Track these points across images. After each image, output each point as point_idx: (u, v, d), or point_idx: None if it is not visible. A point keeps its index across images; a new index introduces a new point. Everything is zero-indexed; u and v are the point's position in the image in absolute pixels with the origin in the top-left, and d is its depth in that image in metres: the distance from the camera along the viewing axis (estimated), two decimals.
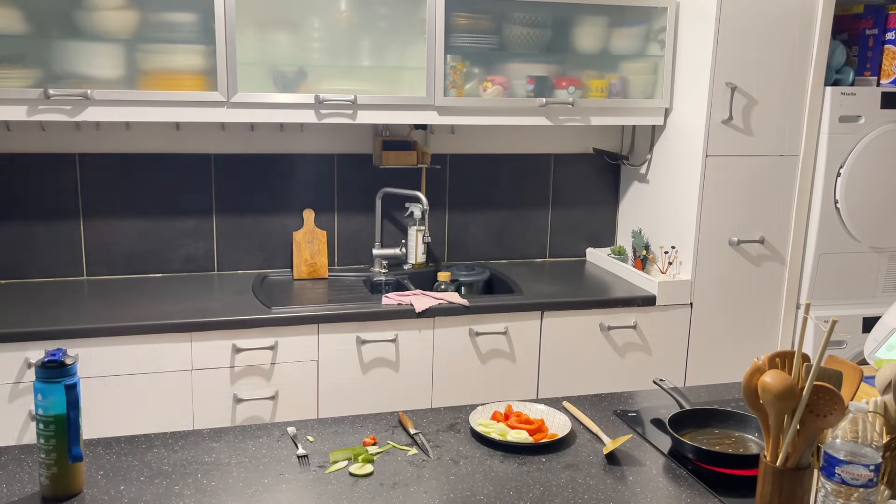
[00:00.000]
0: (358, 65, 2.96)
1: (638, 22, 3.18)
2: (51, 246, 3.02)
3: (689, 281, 3.11)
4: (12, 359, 2.48)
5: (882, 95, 3.10)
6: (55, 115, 2.64)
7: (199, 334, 2.62)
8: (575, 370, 3.02)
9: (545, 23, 3.06)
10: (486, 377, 2.94)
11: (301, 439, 1.82)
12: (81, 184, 3.01)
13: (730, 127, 3.04)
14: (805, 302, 2.56)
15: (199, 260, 3.19)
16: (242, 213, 3.20)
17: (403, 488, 1.62)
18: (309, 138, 3.21)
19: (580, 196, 3.59)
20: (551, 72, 3.11)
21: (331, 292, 3.03)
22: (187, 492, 1.59)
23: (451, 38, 2.94)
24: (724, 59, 2.97)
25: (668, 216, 3.25)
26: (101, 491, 1.58)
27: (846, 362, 1.50)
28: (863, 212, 3.16)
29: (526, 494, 1.60)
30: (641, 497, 1.61)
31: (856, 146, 3.10)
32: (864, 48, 3.21)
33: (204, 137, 3.11)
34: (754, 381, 1.43)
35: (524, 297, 2.98)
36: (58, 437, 1.51)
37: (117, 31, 2.68)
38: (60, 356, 1.52)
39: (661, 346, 3.12)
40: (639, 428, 1.91)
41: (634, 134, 3.49)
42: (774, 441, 1.42)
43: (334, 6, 2.92)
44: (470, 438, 1.84)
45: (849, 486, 1.35)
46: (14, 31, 2.61)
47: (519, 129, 3.42)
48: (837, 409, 1.36)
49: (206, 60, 2.73)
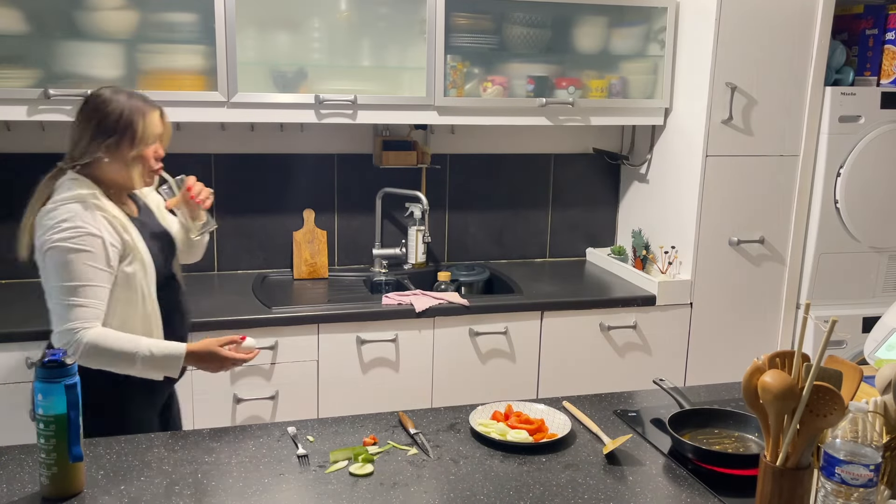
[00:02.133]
0: (358, 65, 2.96)
1: (638, 22, 3.18)
2: None
3: (689, 281, 3.11)
4: (12, 359, 2.48)
5: (882, 95, 3.10)
6: (55, 115, 2.64)
7: (199, 334, 2.61)
8: (575, 370, 3.02)
9: (545, 23, 3.06)
10: (486, 377, 2.94)
11: (301, 439, 1.82)
12: None
13: (730, 127, 3.04)
14: (805, 302, 2.56)
15: (199, 260, 3.18)
16: (242, 213, 3.19)
17: (403, 488, 1.62)
18: (309, 138, 3.21)
19: (580, 196, 3.59)
20: (551, 72, 3.11)
21: (331, 292, 3.03)
22: (187, 492, 1.59)
23: (451, 38, 2.94)
24: (724, 59, 2.97)
25: (668, 216, 3.25)
26: (101, 491, 1.58)
27: (846, 362, 1.50)
28: (863, 212, 3.16)
29: (526, 494, 1.60)
30: (641, 497, 1.61)
31: (856, 146, 3.10)
32: (864, 48, 3.21)
33: (204, 137, 3.11)
34: (754, 381, 1.43)
35: (524, 297, 2.98)
36: (58, 437, 1.51)
37: (117, 31, 2.68)
38: (60, 356, 1.52)
39: (661, 346, 3.12)
40: (639, 428, 1.91)
41: (634, 134, 3.48)
42: (774, 441, 1.42)
43: (334, 6, 2.92)
44: (470, 438, 1.84)
45: (849, 486, 1.35)
46: (14, 31, 2.60)
47: (519, 129, 3.42)
48: (837, 409, 1.36)
49: (206, 60, 2.73)
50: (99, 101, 1.95)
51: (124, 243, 1.93)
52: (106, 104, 1.94)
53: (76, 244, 1.85)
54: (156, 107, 2.01)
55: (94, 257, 1.87)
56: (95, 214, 1.90)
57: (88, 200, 1.90)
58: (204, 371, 2.01)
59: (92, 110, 1.95)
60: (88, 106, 1.96)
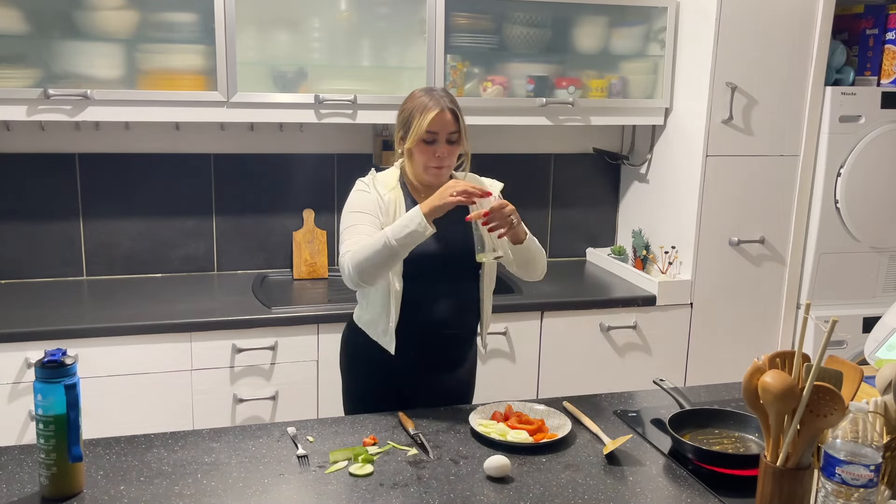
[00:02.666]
0: (358, 65, 2.95)
1: (638, 22, 3.18)
2: (51, 246, 3.02)
3: (689, 281, 3.11)
4: (12, 359, 2.48)
5: (882, 95, 3.10)
6: (55, 114, 2.63)
7: (199, 334, 2.62)
8: (575, 370, 3.02)
9: (545, 23, 3.06)
10: (486, 377, 2.93)
11: (301, 439, 1.82)
12: (81, 184, 3.01)
13: (730, 127, 3.04)
14: (805, 302, 2.55)
15: (199, 260, 3.18)
16: (242, 213, 3.19)
17: (403, 488, 1.62)
18: (309, 138, 3.21)
19: (580, 196, 3.59)
20: (551, 72, 3.11)
21: (331, 292, 3.03)
22: (187, 492, 1.59)
23: (451, 37, 2.94)
24: (724, 59, 2.97)
25: (669, 216, 3.25)
26: (101, 491, 1.58)
27: (846, 362, 1.50)
28: (863, 212, 3.16)
29: (526, 494, 1.60)
30: (641, 497, 1.61)
31: (856, 146, 3.10)
32: (865, 48, 3.21)
33: (204, 137, 3.11)
34: (754, 381, 1.43)
35: (524, 297, 2.98)
36: (58, 437, 1.51)
37: (117, 31, 2.67)
38: (60, 356, 1.52)
39: (661, 346, 3.12)
40: (639, 428, 1.91)
41: (634, 134, 3.48)
42: (774, 441, 1.42)
43: (334, 6, 2.92)
44: (470, 438, 1.84)
45: (849, 487, 1.35)
46: (14, 31, 2.60)
47: (519, 129, 3.42)
48: (837, 409, 1.36)
49: (205, 60, 2.73)
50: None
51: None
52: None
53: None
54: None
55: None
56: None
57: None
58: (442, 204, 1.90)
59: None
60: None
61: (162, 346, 2.59)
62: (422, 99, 2.04)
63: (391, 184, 2.09)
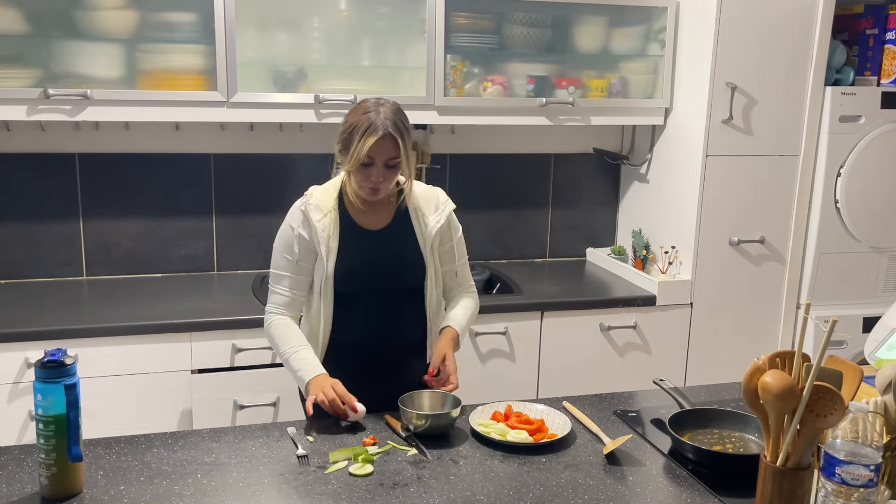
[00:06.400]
0: (358, 64, 2.95)
1: (638, 22, 3.18)
2: (51, 246, 3.02)
3: (689, 281, 3.11)
4: (12, 359, 2.48)
5: (882, 95, 3.09)
6: (55, 114, 2.63)
7: (199, 334, 2.62)
8: (575, 370, 3.02)
9: (545, 23, 3.06)
10: (486, 377, 2.93)
11: (301, 439, 1.82)
12: (81, 184, 3.01)
13: (730, 127, 3.04)
14: (805, 302, 2.55)
15: (199, 260, 3.18)
16: (242, 213, 3.19)
17: (403, 488, 1.62)
18: (309, 138, 3.21)
19: (580, 196, 3.59)
20: (551, 72, 3.11)
21: None
22: (187, 492, 1.59)
23: (451, 37, 2.94)
24: (724, 59, 2.97)
25: (668, 216, 3.25)
26: (101, 491, 1.58)
27: (846, 362, 1.50)
28: (863, 212, 3.15)
29: (526, 494, 1.60)
30: (641, 497, 1.61)
31: (856, 146, 3.10)
32: (865, 48, 3.21)
33: (204, 137, 3.11)
34: (754, 381, 1.43)
35: (524, 297, 2.98)
36: (58, 437, 1.51)
37: (117, 31, 2.67)
38: (60, 356, 1.52)
39: (661, 346, 3.12)
40: (639, 428, 1.91)
41: (634, 134, 3.48)
42: (774, 441, 1.42)
43: (334, 6, 2.92)
44: (470, 438, 1.84)
45: (849, 486, 1.35)
46: (14, 31, 2.60)
47: (519, 129, 3.42)
48: (837, 409, 1.36)
49: (205, 60, 2.73)
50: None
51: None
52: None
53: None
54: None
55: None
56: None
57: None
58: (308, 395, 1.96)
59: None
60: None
61: (162, 346, 2.59)
62: (367, 116, 1.95)
63: (327, 206, 2.06)
